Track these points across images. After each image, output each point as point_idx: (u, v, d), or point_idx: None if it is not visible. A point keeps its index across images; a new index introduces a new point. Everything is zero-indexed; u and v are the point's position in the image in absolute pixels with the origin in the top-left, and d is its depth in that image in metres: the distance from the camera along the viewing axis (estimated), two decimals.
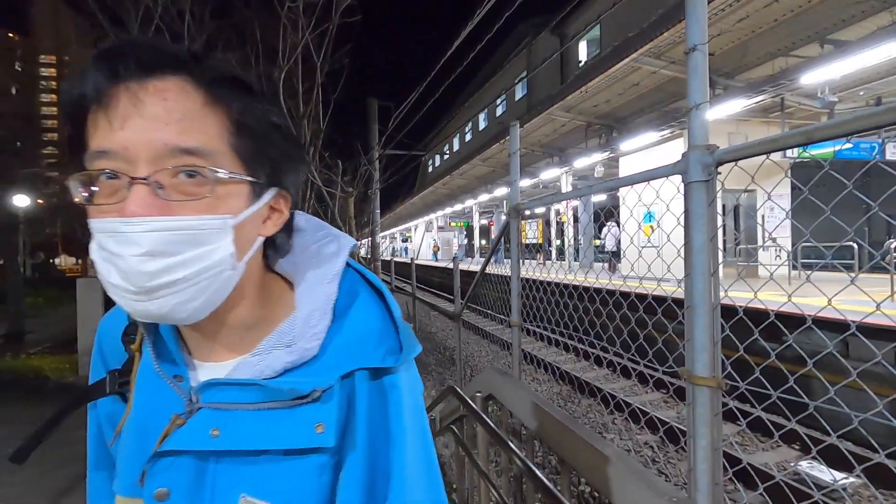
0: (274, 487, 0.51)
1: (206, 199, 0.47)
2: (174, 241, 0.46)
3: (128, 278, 0.45)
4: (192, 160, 0.46)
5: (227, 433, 0.51)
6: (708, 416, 1.05)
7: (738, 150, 0.98)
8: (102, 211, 0.47)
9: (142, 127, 0.45)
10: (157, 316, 0.48)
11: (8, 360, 7.58)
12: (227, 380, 0.53)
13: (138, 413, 0.55)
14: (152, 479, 0.52)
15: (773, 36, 7.52)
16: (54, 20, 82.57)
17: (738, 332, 1.30)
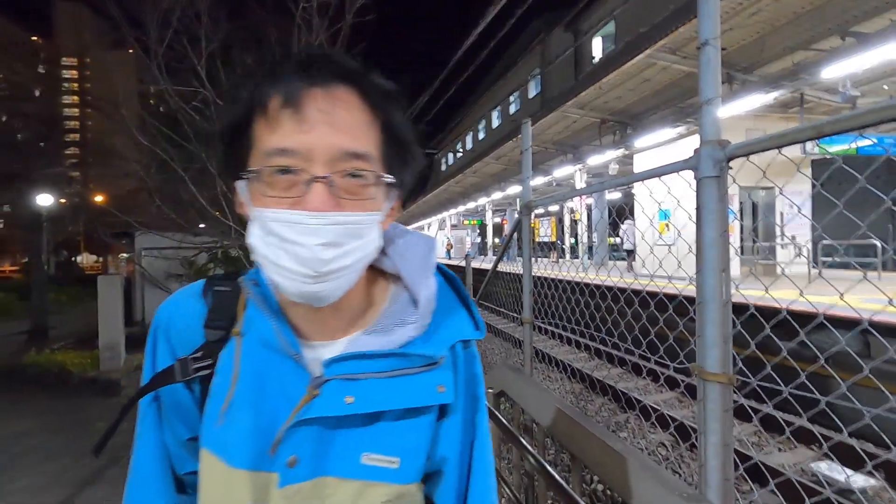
0: (393, 443, 0.60)
1: (366, 197, 0.56)
2: (345, 233, 0.54)
3: (305, 264, 0.53)
4: (361, 164, 0.55)
5: (361, 399, 0.58)
6: (718, 412, 1.05)
7: (749, 145, 0.97)
8: (278, 201, 0.53)
9: (325, 132, 0.53)
10: (319, 297, 0.55)
11: (33, 356, 7.79)
12: (370, 352, 0.60)
13: (252, 389, 0.60)
14: (285, 448, 0.57)
15: (792, 29, 7.35)
16: (75, 23, 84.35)
17: (752, 330, 1.29)
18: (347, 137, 0.54)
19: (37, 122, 15.99)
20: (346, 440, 0.59)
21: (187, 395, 0.64)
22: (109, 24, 5.22)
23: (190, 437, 0.66)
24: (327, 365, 0.59)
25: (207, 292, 0.67)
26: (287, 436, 0.57)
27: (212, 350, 0.63)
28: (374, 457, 0.59)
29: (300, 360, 0.60)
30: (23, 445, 4.57)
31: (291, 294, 0.56)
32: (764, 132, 7.00)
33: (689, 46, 7.94)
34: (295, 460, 0.57)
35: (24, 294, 14.37)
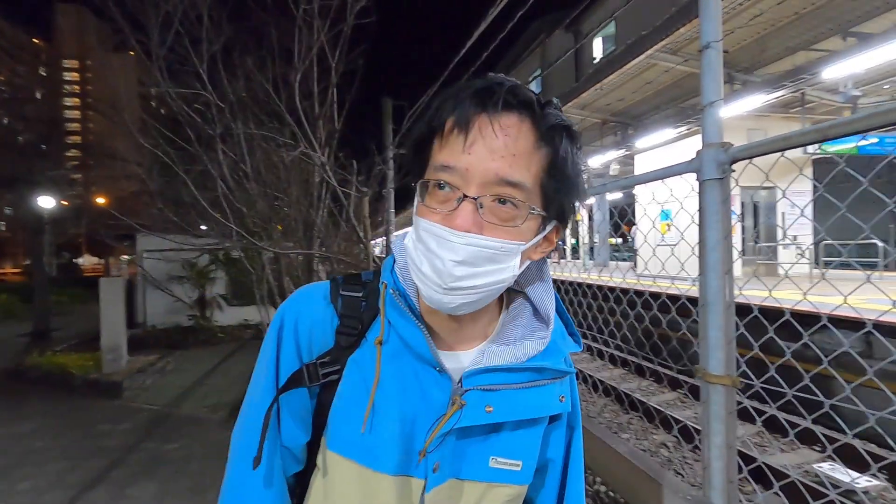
0: (516, 447, 0.65)
1: (512, 226, 0.57)
2: (480, 256, 0.56)
3: (439, 274, 0.56)
4: (513, 192, 0.56)
5: (499, 409, 0.62)
6: (722, 414, 1.05)
7: (753, 147, 0.97)
8: (431, 213, 0.58)
9: (483, 155, 0.55)
10: (447, 307, 0.59)
11: (35, 357, 7.80)
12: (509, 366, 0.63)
13: (396, 397, 0.62)
14: (433, 455, 0.61)
15: (793, 30, 7.36)
16: (77, 26, 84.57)
17: (754, 331, 1.29)
18: (504, 164, 0.55)
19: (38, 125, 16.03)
20: (477, 444, 0.63)
21: (307, 399, 0.66)
22: (111, 26, 5.23)
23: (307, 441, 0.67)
24: (467, 376, 0.63)
25: (336, 296, 0.68)
26: (437, 443, 0.61)
27: (340, 355, 0.65)
28: (501, 460, 0.64)
29: (443, 369, 0.63)
30: (26, 447, 4.58)
31: (426, 298, 0.60)
32: (765, 132, 7.00)
33: (690, 47, 7.95)
34: (438, 466, 0.61)
35: (26, 296, 14.39)
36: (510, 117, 0.56)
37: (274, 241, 5.28)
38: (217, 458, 4.23)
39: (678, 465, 4.21)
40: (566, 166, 0.59)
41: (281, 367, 0.66)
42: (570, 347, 0.69)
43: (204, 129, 5.34)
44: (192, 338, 9.86)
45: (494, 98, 0.56)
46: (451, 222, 0.55)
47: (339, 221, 5.94)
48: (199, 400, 6.06)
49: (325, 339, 0.66)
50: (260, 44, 5.62)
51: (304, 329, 0.66)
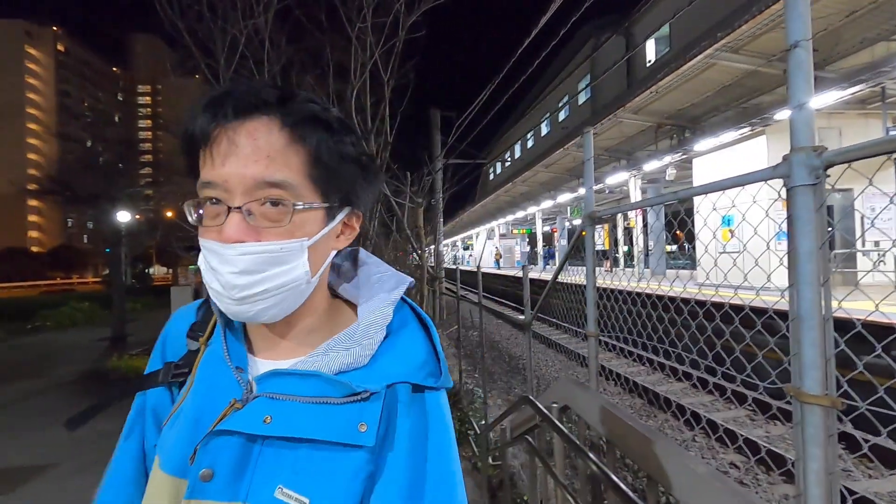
0: (310, 482, 0.55)
1: (287, 225, 0.56)
2: (261, 261, 0.55)
3: (226, 288, 0.56)
4: (277, 192, 0.56)
5: (277, 420, 0.56)
6: (820, 438, 0.97)
7: (852, 150, 0.90)
8: (208, 230, 0.57)
9: (236, 164, 0.55)
10: (246, 317, 0.58)
11: (115, 361, 8.44)
12: (289, 370, 0.59)
13: (196, 397, 0.62)
14: (202, 458, 0.56)
15: (871, 20, 6.84)
16: (150, 53, 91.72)
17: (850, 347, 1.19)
18: (260, 167, 0.55)
19: (117, 146, 17.43)
20: (266, 467, 0.56)
21: (168, 398, 0.68)
22: (182, 52, 5.61)
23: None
24: (259, 381, 0.60)
25: (202, 305, 0.72)
26: (204, 446, 0.56)
27: (190, 359, 0.67)
28: (287, 492, 0.54)
29: (240, 374, 0.62)
30: (109, 444, 4.91)
31: (227, 313, 0.59)
32: (839, 131, 6.50)
33: (754, 44, 7.55)
34: (209, 474, 0.55)
35: (104, 304, 15.60)
36: (253, 121, 0.56)
37: None
38: None
39: (751, 486, 3.95)
40: (325, 155, 0.58)
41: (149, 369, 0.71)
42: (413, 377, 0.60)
43: None
44: None
45: (225, 107, 0.55)
46: (222, 235, 0.55)
47: (391, 231, 6.06)
48: None
49: (182, 344, 0.69)
50: (317, 62, 5.88)
51: (170, 335, 0.72)
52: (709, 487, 1.21)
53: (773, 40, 7.43)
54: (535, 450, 2.39)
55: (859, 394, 1.19)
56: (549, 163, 16.21)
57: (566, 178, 17.75)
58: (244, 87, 0.57)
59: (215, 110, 0.56)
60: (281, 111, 0.57)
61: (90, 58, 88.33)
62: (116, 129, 25.85)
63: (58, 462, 4.54)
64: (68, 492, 3.93)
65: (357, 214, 0.66)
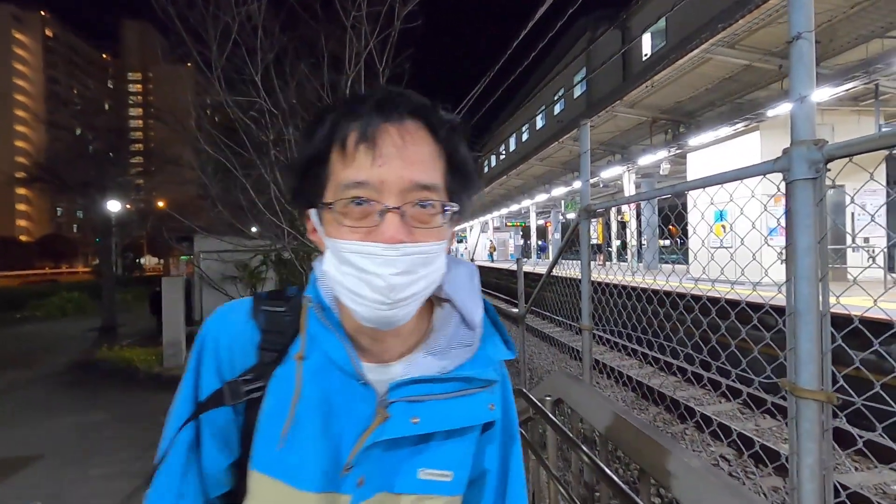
0: (446, 458, 0.63)
1: (434, 226, 0.58)
2: (417, 262, 0.57)
3: (380, 291, 0.55)
4: (429, 195, 0.57)
5: (425, 420, 0.61)
6: (815, 432, 0.97)
7: (854, 144, 0.89)
8: (352, 231, 0.57)
9: (396, 166, 0.56)
10: (392, 321, 0.58)
11: (105, 351, 8.37)
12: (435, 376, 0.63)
13: (316, 411, 0.59)
14: (357, 469, 0.59)
15: (866, 17, 6.85)
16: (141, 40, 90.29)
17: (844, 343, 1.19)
18: (417, 170, 0.56)
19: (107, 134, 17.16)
20: (405, 457, 0.61)
21: (231, 418, 0.62)
22: (173, 39, 5.51)
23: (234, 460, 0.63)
24: (394, 388, 0.61)
25: (258, 312, 0.66)
26: (360, 457, 0.58)
27: (263, 372, 0.62)
28: (430, 472, 0.62)
29: (367, 382, 0.61)
30: (98, 436, 4.91)
31: (366, 319, 0.58)
32: (832, 127, 6.53)
33: (750, 39, 7.55)
34: (363, 480, 0.59)
35: (95, 294, 15.46)
36: (412, 124, 0.58)
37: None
38: None
39: (741, 479, 3.99)
40: (464, 162, 0.62)
41: (201, 388, 0.63)
42: (501, 354, 0.69)
43: (258, 136, 5.55)
44: None
45: (396, 108, 0.57)
46: (380, 236, 0.55)
47: None
48: None
49: (247, 356, 0.63)
50: (311, 51, 5.79)
51: (225, 348, 0.64)
52: (701, 480, 1.21)
53: (770, 35, 7.43)
54: (528, 442, 2.40)
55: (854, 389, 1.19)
56: (543, 156, 16.19)
57: (561, 172, 17.75)
58: (395, 93, 0.59)
59: (387, 109, 0.57)
60: (431, 118, 0.59)
61: (79, 44, 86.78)
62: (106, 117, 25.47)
63: (47, 453, 4.50)
64: (58, 482, 3.90)
65: (458, 223, 0.67)
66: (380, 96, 0.58)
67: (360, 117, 0.57)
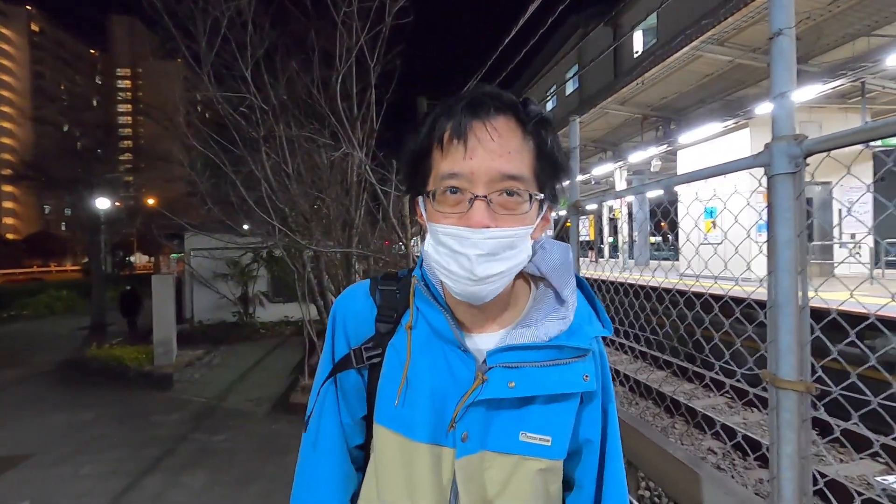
0: (545, 424, 0.69)
1: (519, 213, 0.65)
2: (500, 245, 0.64)
3: (468, 270, 0.63)
4: (515, 184, 0.64)
5: (521, 384, 0.67)
6: (794, 422, 1.00)
7: (831, 139, 0.91)
8: (447, 217, 0.65)
9: (484, 157, 0.63)
10: (478, 296, 0.66)
11: (94, 350, 8.28)
12: (528, 344, 0.69)
13: (422, 378, 0.70)
14: (460, 426, 0.67)
15: (853, 15, 6.93)
16: (129, 36, 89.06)
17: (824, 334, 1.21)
18: (503, 161, 0.63)
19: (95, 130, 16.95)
20: (506, 420, 0.68)
21: (359, 379, 0.77)
22: (162, 34, 5.45)
23: (363, 416, 0.79)
24: (491, 354, 0.69)
25: (375, 291, 0.78)
26: (462, 414, 0.67)
27: (381, 341, 0.75)
28: (531, 435, 0.68)
29: (467, 349, 0.69)
30: (88, 435, 4.86)
31: (457, 293, 0.67)
32: (819, 124, 6.59)
33: (739, 37, 7.61)
34: (466, 436, 0.67)
35: (84, 292, 15.29)
36: (499, 120, 0.64)
37: (314, 240, 5.40)
38: (261, 451, 4.37)
39: (727, 471, 4.05)
40: (552, 153, 0.67)
41: (336, 354, 0.78)
42: (597, 331, 0.73)
43: (248, 132, 5.51)
44: (235, 333, 10.23)
45: (484, 106, 0.64)
46: (468, 221, 0.63)
47: (377, 220, 6.01)
48: (243, 393, 6.28)
49: (368, 327, 0.76)
50: (301, 47, 5.75)
51: (351, 320, 0.78)
52: (688, 473, 1.23)
53: (758, 32, 7.50)
54: None
55: (834, 381, 1.22)
56: None
57: None
58: (485, 92, 0.66)
59: (476, 108, 0.64)
60: (519, 112, 0.65)
61: (66, 39, 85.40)
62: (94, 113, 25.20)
63: (37, 451, 4.46)
64: (49, 481, 3.87)
65: (551, 210, 0.73)
66: (471, 96, 0.65)
67: (454, 116, 0.64)
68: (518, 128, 0.65)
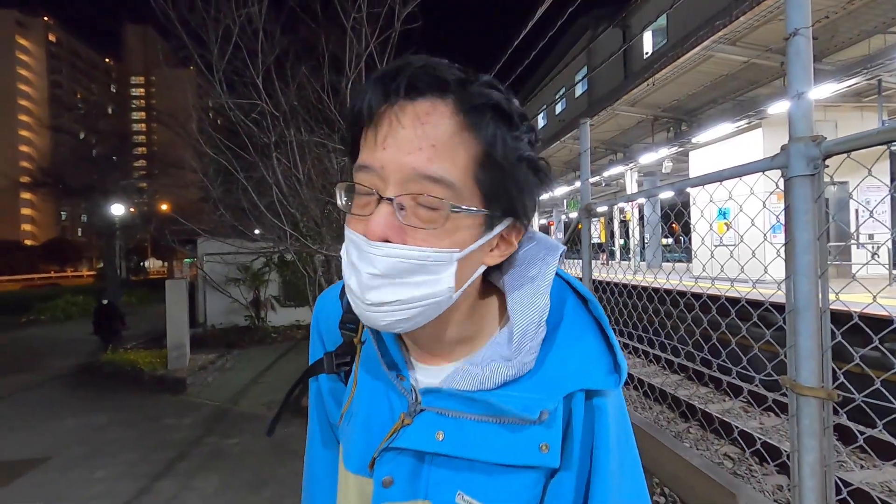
0: (489, 492, 0.53)
1: (439, 228, 0.48)
2: (403, 267, 0.48)
3: (358, 290, 0.50)
4: (435, 189, 0.47)
5: (450, 438, 0.53)
6: (815, 429, 0.97)
7: (852, 140, 0.89)
8: (355, 220, 0.51)
9: (397, 149, 0.47)
10: (377, 325, 0.52)
11: (109, 354, 8.40)
12: (452, 391, 0.54)
13: (362, 403, 0.61)
14: (380, 468, 0.57)
15: (868, 13, 6.82)
16: (143, 44, 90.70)
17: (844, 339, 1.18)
18: (422, 156, 0.47)
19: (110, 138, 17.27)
20: (442, 472, 0.54)
21: (340, 386, 0.68)
22: (175, 43, 5.54)
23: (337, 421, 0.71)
24: (424, 394, 0.56)
25: (343, 294, 0.67)
26: (381, 458, 0.56)
27: (349, 349, 0.65)
28: (468, 499, 0.53)
29: (401, 383, 0.58)
30: (102, 438, 4.92)
31: (360, 318, 0.53)
32: (835, 123, 6.49)
33: (751, 36, 7.53)
34: (390, 481, 0.56)
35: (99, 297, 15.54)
36: (424, 103, 0.48)
37: (325, 244, 5.43)
38: (273, 455, 4.38)
39: (745, 478, 3.98)
40: (499, 154, 0.48)
41: (312, 355, 0.71)
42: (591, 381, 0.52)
43: (260, 138, 5.57)
44: (247, 337, 10.31)
45: (397, 83, 0.47)
46: (367, 229, 0.48)
47: None
48: (255, 397, 6.32)
49: (337, 333, 0.67)
50: (311, 53, 5.81)
51: (323, 323, 0.70)
52: (703, 478, 1.21)
53: (771, 32, 7.41)
54: None
55: (855, 385, 1.19)
56: (545, 155, 16.07)
57: (563, 171, 17.73)
58: (420, 63, 0.49)
59: (385, 86, 0.48)
60: (458, 94, 0.48)
61: (82, 48, 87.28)
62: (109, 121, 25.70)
63: (52, 455, 4.52)
64: (63, 484, 3.92)
65: (518, 228, 0.55)
66: (386, 70, 0.49)
67: (366, 94, 0.49)
68: (453, 115, 0.48)
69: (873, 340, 1.07)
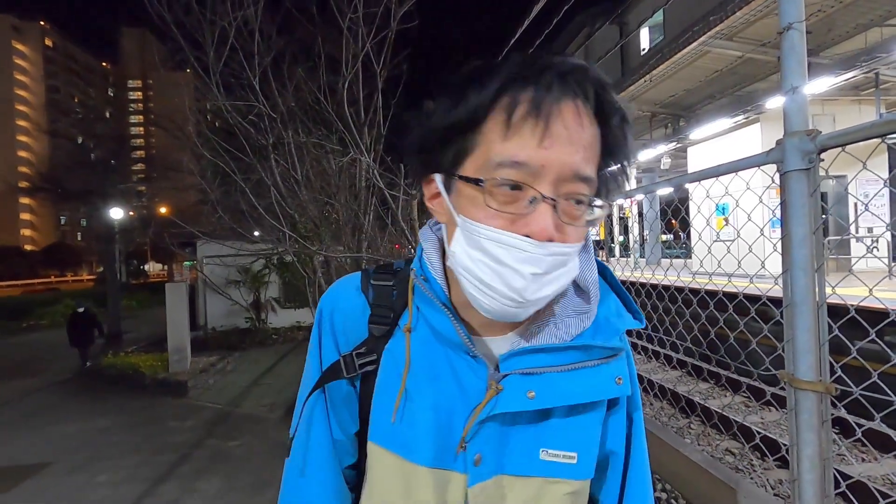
0: (570, 438, 0.57)
1: (581, 224, 0.52)
2: (558, 263, 0.51)
3: (516, 290, 0.50)
4: (584, 187, 0.50)
5: (542, 394, 0.55)
6: (814, 423, 0.97)
7: (847, 133, 0.89)
8: (497, 217, 0.50)
9: (563, 150, 0.48)
10: (515, 318, 0.54)
11: (110, 358, 8.40)
12: (547, 346, 0.57)
13: (422, 391, 0.58)
14: (472, 446, 0.56)
15: (864, 5, 6.81)
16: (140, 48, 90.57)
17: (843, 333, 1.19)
18: (580, 158, 0.49)
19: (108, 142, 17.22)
20: (524, 436, 0.57)
21: (350, 390, 0.64)
22: (171, 45, 5.53)
23: (356, 431, 0.65)
24: (504, 359, 0.57)
25: (368, 287, 0.65)
26: (474, 433, 0.56)
27: (376, 345, 0.62)
28: (553, 452, 0.57)
29: (476, 355, 0.57)
30: (104, 442, 4.93)
31: (489, 311, 0.53)
32: (833, 117, 6.50)
33: (748, 31, 7.52)
34: (480, 458, 0.56)
35: (100, 301, 15.55)
36: (573, 104, 0.49)
37: (324, 245, 5.43)
38: (275, 456, 4.39)
39: (745, 472, 3.98)
40: (618, 154, 0.54)
41: (323, 360, 0.64)
42: (627, 324, 0.59)
43: (257, 140, 5.57)
44: (248, 339, 10.31)
45: (579, 82, 0.49)
46: (528, 229, 0.48)
47: (386, 224, 6.03)
48: (257, 399, 6.32)
49: (359, 329, 0.63)
50: (308, 54, 5.80)
51: (339, 321, 0.64)
52: (706, 476, 1.21)
53: (767, 27, 7.41)
54: None
55: (853, 378, 1.19)
56: None
57: None
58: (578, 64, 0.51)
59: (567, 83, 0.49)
60: (598, 98, 0.51)
61: (79, 52, 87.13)
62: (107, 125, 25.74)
63: (54, 459, 4.53)
64: (66, 489, 3.92)
65: None
66: (563, 66, 0.50)
67: (536, 86, 0.48)
68: (594, 118, 0.51)
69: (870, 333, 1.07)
